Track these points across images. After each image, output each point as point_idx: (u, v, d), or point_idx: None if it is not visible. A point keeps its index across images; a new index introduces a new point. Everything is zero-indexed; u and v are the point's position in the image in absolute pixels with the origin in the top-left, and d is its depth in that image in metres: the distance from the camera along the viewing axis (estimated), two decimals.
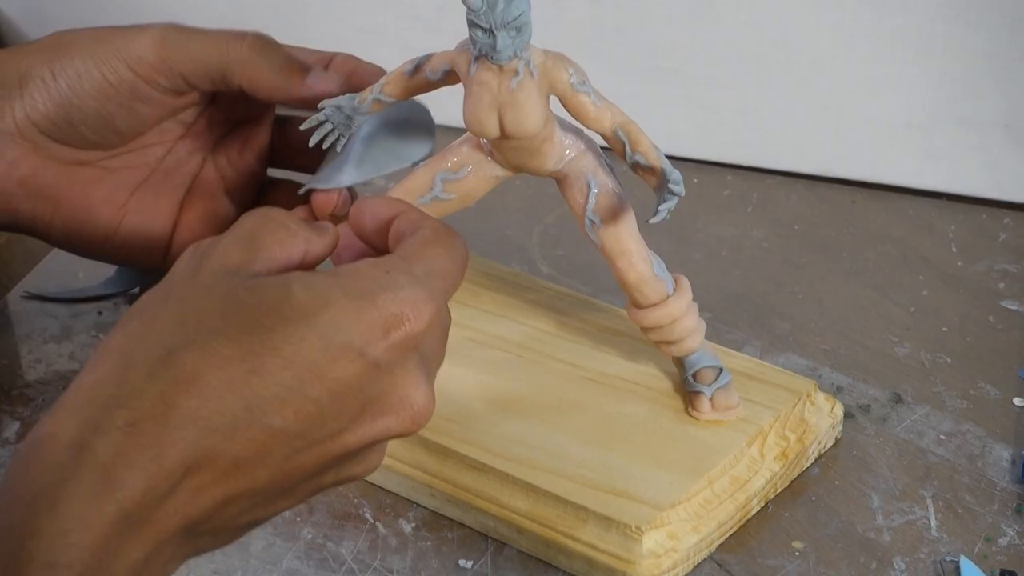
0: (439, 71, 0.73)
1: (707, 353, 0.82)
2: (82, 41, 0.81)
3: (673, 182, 0.72)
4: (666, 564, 0.76)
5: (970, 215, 1.04)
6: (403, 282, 0.63)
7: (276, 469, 0.62)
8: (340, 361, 0.62)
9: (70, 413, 0.60)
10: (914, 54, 1.04)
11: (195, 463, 0.60)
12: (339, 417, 0.62)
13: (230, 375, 0.60)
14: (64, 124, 0.81)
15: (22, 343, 0.93)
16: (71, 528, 0.57)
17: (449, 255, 0.66)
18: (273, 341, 0.61)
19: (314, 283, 0.62)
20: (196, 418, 0.60)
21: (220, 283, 0.63)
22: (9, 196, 0.82)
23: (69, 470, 0.58)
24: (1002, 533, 0.80)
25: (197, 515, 0.61)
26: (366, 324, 0.62)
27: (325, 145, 0.77)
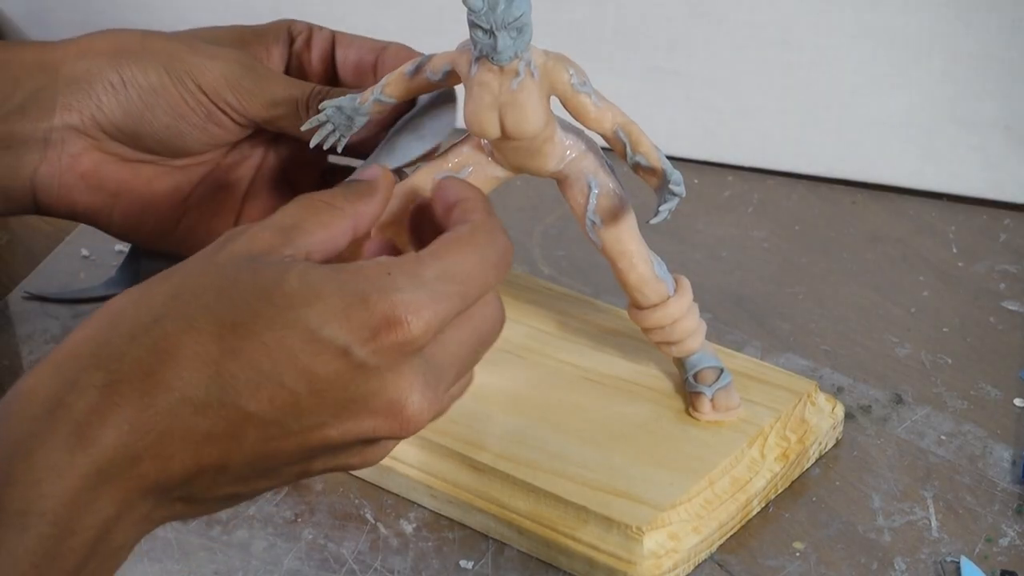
0: (440, 72, 0.73)
1: (708, 354, 0.82)
2: (150, 51, 0.80)
3: (674, 183, 0.72)
4: (667, 565, 0.76)
5: (970, 216, 1.04)
6: (403, 285, 0.62)
7: (251, 451, 0.62)
8: (321, 356, 0.61)
9: (51, 370, 0.61)
10: (914, 55, 1.04)
11: (167, 430, 0.60)
12: (318, 411, 0.62)
13: (208, 351, 0.61)
14: (132, 133, 0.80)
15: (23, 344, 0.93)
16: (43, 478, 0.58)
17: (478, 257, 0.65)
18: (257, 325, 0.61)
19: (310, 274, 0.62)
20: (170, 388, 0.60)
21: (231, 263, 0.63)
22: (70, 188, 0.81)
23: (44, 423, 0.59)
24: (1003, 534, 0.80)
25: (168, 481, 0.61)
26: (354, 323, 0.61)
27: (326, 146, 0.77)
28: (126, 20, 1.15)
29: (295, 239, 0.65)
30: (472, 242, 0.65)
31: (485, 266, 0.65)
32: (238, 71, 0.79)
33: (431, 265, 0.64)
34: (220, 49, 0.80)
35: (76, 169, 0.81)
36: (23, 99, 0.80)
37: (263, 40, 0.83)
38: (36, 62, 0.80)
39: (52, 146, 0.80)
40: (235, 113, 0.80)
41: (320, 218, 0.66)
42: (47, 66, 0.80)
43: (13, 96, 0.80)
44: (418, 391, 0.63)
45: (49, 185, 0.81)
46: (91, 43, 0.81)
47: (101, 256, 1.00)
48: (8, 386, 0.89)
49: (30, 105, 0.80)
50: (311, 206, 0.66)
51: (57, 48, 0.81)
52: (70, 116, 0.80)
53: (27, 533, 0.58)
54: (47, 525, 0.58)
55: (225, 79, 0.79)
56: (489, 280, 0.65)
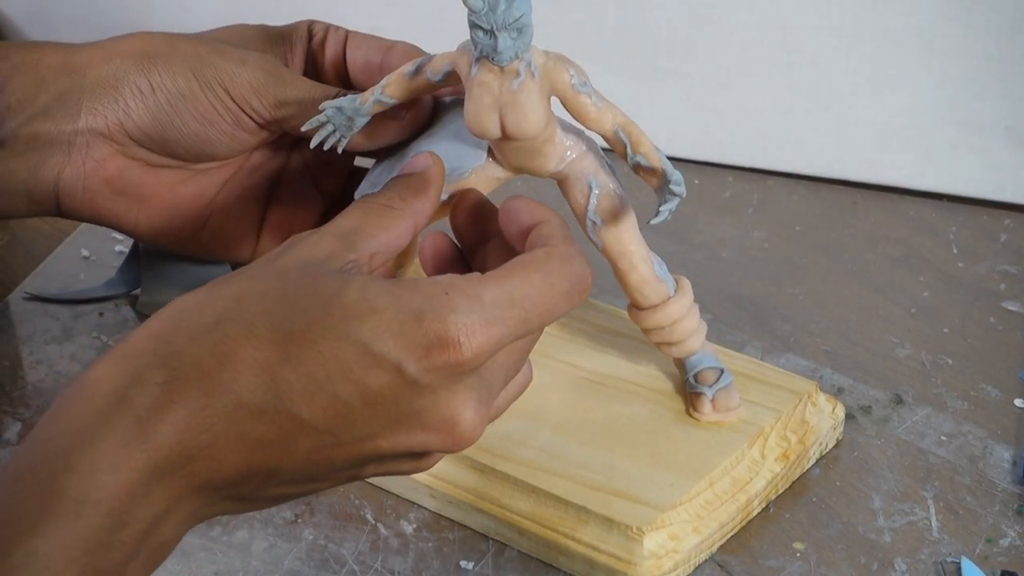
0: (440, 72, 0.73)
1: (708, 354, 0.82)
2: (178, 55, 0.80)
3: (674, 183, 0.72)
4: (667, 565, 0.76)
5: (971, 216, 1.04)
6: (460, 306, 0.63)
7: (302, 458, 0.63)
8: (374, 370, 0.62)
9: (116, 362, 0.62)
10: (915, 55, 1.04)
11: (222, 432, 0.61)
12: (370, 423, 0.63)
13: (266, 357, 0.62)
14: (159, 139, 0.80)
15: (23, 344, 0.93)
16: (102, 469, 0.59)
17: (546, 284, 0.65)
18: (313, 334, 0.62)
19: (370, 287, 0.63)
20: (227, 391, 0.61)
21: (294, 269, 0.64)
22: (94, 193, 0.81)
23: (106, 416, 0.60)
24: (1003, 534, 0.80)
25: (219, 481, 0.62)
26: (407, 341, 0.62)
27: (326, 147, 0.76)
28: (127, 19, 1.15)
29: (357, 243, 0.66)
30: (542, 268, 0.65)
31: (553, 293, 0.65)
32: (263, 77, 0.79)
33: (491, 288, 0.64)
34: (247, 54, 0.80)
35: (100, 174, 0.81)
36: (48, 102, 0.80)
37: (287, 40, 0.83)
38: (62, 64, 0.80)
39: (76, 150, 0.80)
40: (260, 119, 0.80)
41: (381, 221, 0.67)
42: (73, 69, 0.80)
43: (38, 98, 0.80)
44: (471, 408, 0.64)
45: (73, 189, 0.81)
46: (117, 46, 0.81)
47: (101, 257, 1.00)
48: (9, 387, 0.90)
49: (55, 108, 0.80)
50: (370, 210, 0.68)
51: (83, 51, 0.81)
52: (95, 120, 0.80)
53: (81, 521, 0.59)
54: (102, 515, 0.59)
55: (251, 85, 0.79)
56: (558, 308, 0.66)
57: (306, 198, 0.84)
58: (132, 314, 0.94)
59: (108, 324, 0.94)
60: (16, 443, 0.85)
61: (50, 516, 0.58)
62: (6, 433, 0.86)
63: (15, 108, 0.79)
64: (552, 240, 0.67)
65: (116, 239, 1.00)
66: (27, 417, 0.87)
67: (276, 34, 0.83)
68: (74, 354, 0.92)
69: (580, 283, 0.66)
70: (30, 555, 0.58)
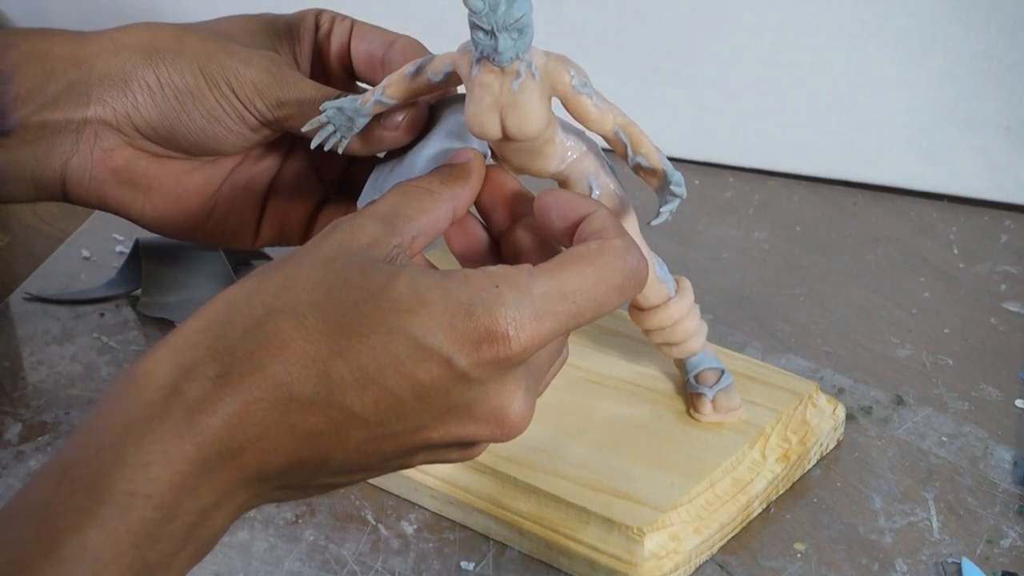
0: (441, 73, 0.73)
1: (709, 355, 0.82)
2: (186, 51, 0.80)
3: (675, 183, 0.72)
4: (668, 566, 0.76)
5: (971, 217, 1.04)
6: (510, 299, 0.63)
7: (353, 449, 0.64)
8: (425, 363, 0.63)
9: (169, 355, 0.62)
10: (915, 56, 1.04)
11: (272, 424, 0.62)
12: (420, 414, 0.64)
13: (317, 350, 0.62)
14: (166, 134, 0.80)
15: (24, 345, 0.93)
16: (153, 462, 0.60)
17: (599, 277, 0.65)
18: (364, 327, 0.62)
19: (420, 280, 0.63)
20: (279, 383, 0.62)
21: (340, 258, 0.64)
22: (101, 182, 0.82)
23: (158, 408, 0.61)
24: (1004, 535, 0.80)
25: (269, 472, 0.63)
26: (458, 334, 0.63)
27: (327, 147, 0.76)
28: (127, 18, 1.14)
29: (399, 226, 0.66)
30: (596, 261, 0.65)
31: (607, 287, 0.65)
32: (266, 78, 0.79)
33: (542, 281, 0.64)
34: (252, 53, 0.80)
35: (107, 164, 0.81)
36: (57, 91, 0.80)
37: (295, 33, 0.83)
38: (71, 55, 0.80)
39: (84, 139, 0.81)
40: (263, 119, 0.80)
41: (421, 204, 0.68)
42: (81, 60, 0.80)
43: (47, 88, 0.80)
44: (520, 399, 0.65)
45: (80, 177, 0.81)
46: (125, 38, 0.81)
47: (101, 257, 1.00)
48: (10, 387, 0.90)
49: (63, 98, 0.80)
50: (409, 193, 0.68)
51: (92, 42, 0.81)
52: (104, 111, 0.80)
53: (131, 514, 0.59)
54: (152, 509, 0.60)
55: (255, 85, 0.79)
56: (610, 302, 0.65)
57: (305, 186, 0.84)
58: (132, 315, 0.94)
59: (109, 324, 0.94)
60: (17, 444, 0.85)
61: (100, 509, 0.59)
62: (7, 434, 0.86)
63: (24, 97, 0.79)
64: (605, 232, 0.67)
65: (117, 239, 1.00)
66: (27, 417, 0.87)
67: (284, 26, 0.83)
68: (75, 355, 0.92)
69: (634, 276, 0.66)
70: (80, 548, 0.58)
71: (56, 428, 0.86)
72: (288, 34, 0.83)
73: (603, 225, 0.67)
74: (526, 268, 0.65)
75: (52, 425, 0.87)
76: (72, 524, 0.58)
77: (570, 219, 0.69)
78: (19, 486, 0.82)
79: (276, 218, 0.84)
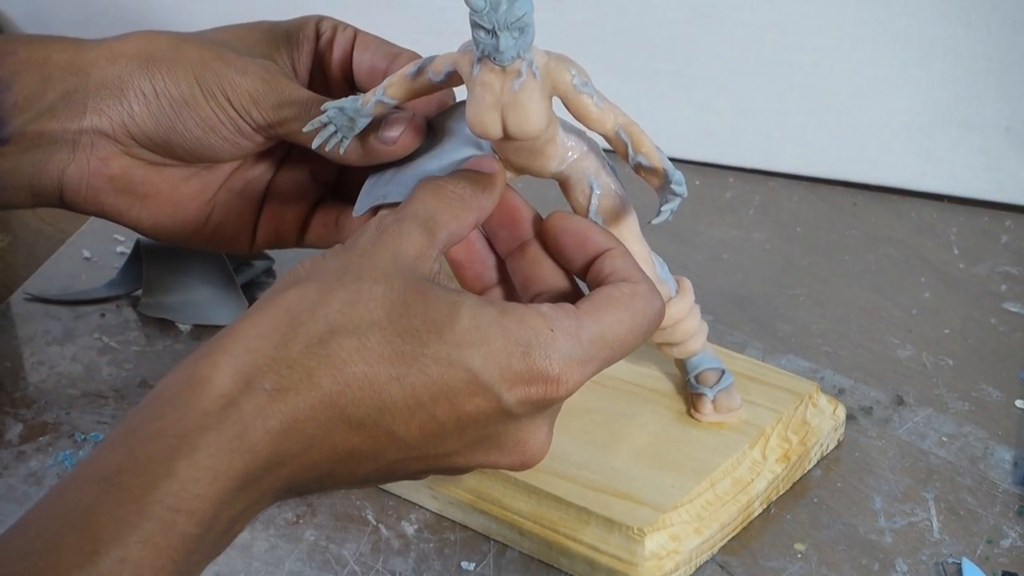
0: (442, 72, 0.73)
1: (709, 355, 0.82)
2: (182, 60, 0.80)
3: (675, 183, 0.72)
4: (668, 566, 0.76)
5: (971, 217, 1.04)
6: (564, 345, 0.65)
7: (383, 466, 0.65)
8: (476, 398, 0.65)
9: (227, 360, 0.63)
10: (915, 57, 1.04)
11: (318, 441, 0.63)
12: (455, 442, 0.66)
13: (376, 373, 0.63)
14: (163, 143, 0.81)
15: (25, 345, 0.92)
16: (201, 478, 0.60)
17: (632, 324, 0.68)
18: (425, 357, 0.64)
19: (481, 316, 0.65)
20: (333, 404, 0.63)
21: (398, 275, 0.65)
22: (97, 190, 0.82)
23: (214, 419, 0.61)
24: (1004, 535, 0.80)
25: (299, 482, 0.64)
26: (512, 373, 0.65)
27: (328, 148, 0.76)
28: (128, 20, 1.15)
29: (436, 234, 0.68)
30: (631, 308, 0.68)
31: (637, 333, 0.68)
32: (262, 88, 0.79)
33: (590, 327, 0.66)
34: (248, 62, 0.80)
35: (104, 172, 0.82)
36: (54, 100, 0.80)
37: (294, 40, 0.83)
38: (69, 63, 0.81)
39: (81, 148, 0.81)
40: (260, 128, 0.80)
41: (453, 210, 0.69)
42: (79, 68, 0.80)
43: (44, 96, 0.80)
44: (544, 433, 0.68)
45: (77, 185, 0.82)
46: (123, 47, 0.81)
47: (102, 258, 1.00)
48: (11, 387, 0.90)
49: (60, 106, 0.80)
50: (444, 196, 0.69)
51: (89, 50, 0.81)
52: (100, 120, 0.80)
53: (174, 530, 0.59)
54: (194, 525, 0.60)
55: (251, 95, 0.79)
56: (637, 343, 0.68)
57: (301, 190, 0.84)
58: (133, 315, 0.94)
59: (109, 325, 0.94)
60: (18, 444, 0.85)
61: (144, 523, 0.59)
62: (8, 434, 0.86)
63: (22, 105, 0.80)
64: (631, 276, 0.69)
65: (118, 240, 1.00)
66: (28, 418, 0.87)
67: (283, 33, 0.83)
68: (75, 355, 0.92)
69: (656, 321, 0.69)
70: (120, 561, 0.58)
71: (57, 428, 0.86)
72: (287, 42, 0.83)
73: (625, 266, 0.70)
74: (572, 311, 0.67)
75: (53, 425, 0.86)
76: (114, 536, 0.58)
77: (588, 252, 0.71)
78: (20, 486, 0.82)
79: (272, 222, 0.84)
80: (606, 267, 0.70)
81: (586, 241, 0.71)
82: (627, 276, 0.69)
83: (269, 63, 0.80)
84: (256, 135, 0.80)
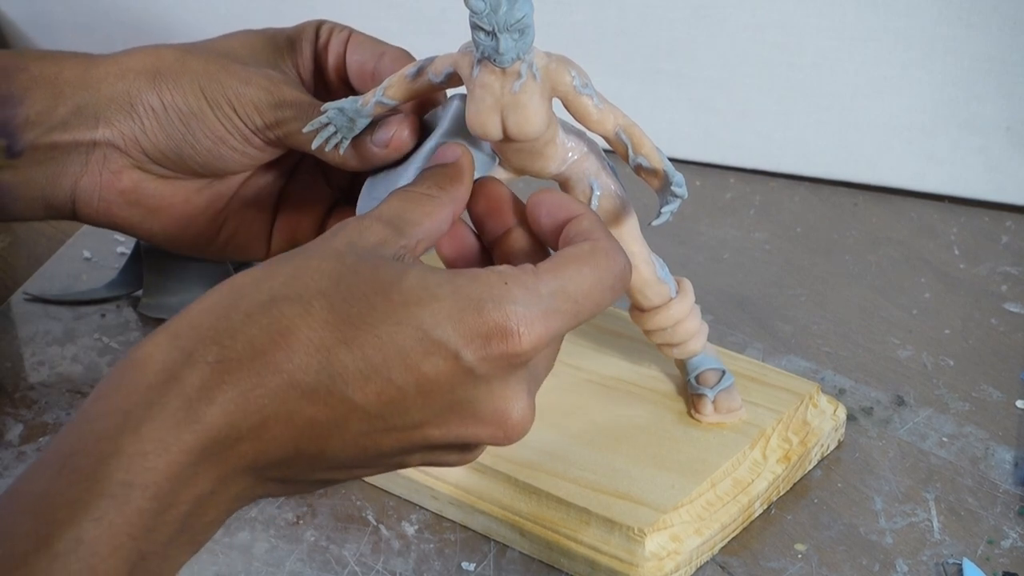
0: (442, 73, 0.73)
1: (710, 356, 0.82)
2: (188, 72, 0.80)
3: (676, 184, 0.72)
4: (669, 566, 0.76)
5: (972, 218, 1.04)
6: (519, 297, 0.64)
7: (352, 442, 0.64)
8: (432, 357, 0.63)
9: (168, 340, 0.62)
10: (916, 57, 1.04)
11: (272, 413, 0.62)
12: (422, 410, 0.64)
13: (321, 338, 0.62)
14: (174, 156, 0.81)
15: (25, 345, 0.93)
16: (150, 451, 0.60)
17: (596, 278, 0.66)
18: (372, 318, 0.62)
19: (429, 276, 0.64)
20: (280, 370, 0.62)
21: (350, 252, 0.64)
22: (109, 203, 0.82)
23: (156, 394, 0.61)
24: (1005, 535, 0.80)
25: (266, 462, 0.63)
26: (466, 328, 0.63)
27: (328, 148, 0.76)
28: (128, 21, 1.15)
29: (405, 230, 0.67)
30: (591, 262, 0.66)
31: (602, 287, 0.66)
32: (264, 97, 0.79)
33: (548, 281, 0.65)
34: (251, 72, 0.80)
35: (116, 186, 0.82)
36: (65, 114, 0.81)
37: (296, 46, 0.83)
38: (79, 79, 0.81)
39: (93, 161, 0.81)
40: (265, 137, 0.80)
41: (423, 208, 0.68)
42: (89, 83, 0.81)
43: (56, 111, 0.81)
44: (523, 401, 0.65)
45: (89, 198, 0.82)
46: (130, 61, 0.81)
47: (103, 258, 1.00)
48: (11, 388, 0.90)
49: (72, 120, 0.81)
50: (411, 198, 0.68)
51: (99, 66, 0.82)
52: (112, 135, 0.81)
53: (128, 506, 0.59)
54: (148, 499, 0.59)
55: (254, 104, 0.79)
56: (604, 300, 0.67)
57: (316, 194, 0.84)
58: (134, 315, 0.94)
59: (110, 325, 0.94)
60: (18, 444, 0.85)
61: (97, 501, 0.59)
62: (8, 434, 0.86)
63: (35, 120, 0.80)
64: (593, 234, 0.68)
65: (118, 240, 1.01)
66: (29, 418, 0.87)
67: (285, 40, 0.83)
68: (76, 355, 0.92)
69: (622, 277, 0.67)
70: (76, 541, 0.58)
71: (58, 429, 0.86)
72: (290, 48, 0.83)
73: (590, 226, 0.68)
74: (530, 267, 0.65)
75: (53, 426, 0.87)
76: (68, 517, 0.58)
77: (558, 218, 0.69)
78: None
79: (287, 228, 0.84)
80: (572, 230, 0.69)
81: (557, 210, 0.70)
82: (589, 236, 0.68)
83: (272, 72, 0.81)
84: (264, 145, 0.80)
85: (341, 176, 0.85)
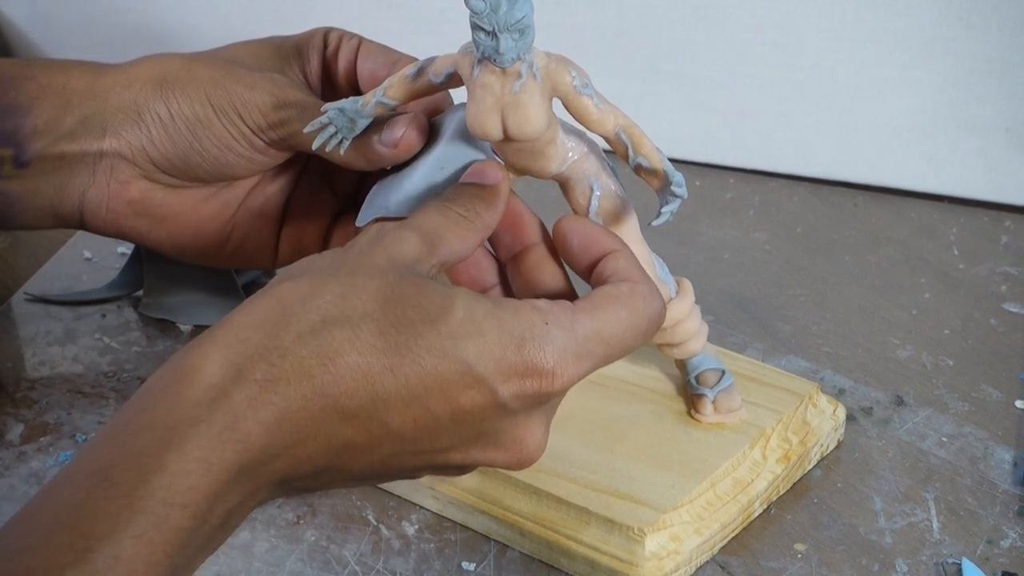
0: (442, 74, 0.73)
1: (709, 356, 0.82)
2: (194, 80, 0.80)
3: (675, 184, 0.72)
4: (668, 566, 0.76)
5: (972, 218, 1.04)
6: (558, 338, 0.65)
7: (378, 461, 0.65)
8: (471, 391, 0.64)
9: (217, 350, 0.62)
10: (916, 58, 1.04)
11: (312, 433, 0.63)
12: (451, 437, 0.65)
13: (369, 363, 0.63)
14: (182, 165, 0.81)
15: (26, 345, 0.93)
16: (193, 470, 0.60)
17: (630, 322, 0.67)
18: (419, 348, 0.63)
19: (475, 307, 0.65)
20: (325, 394, 0.62)
21: (393, 270, 0.65)
22: (117, 213, 0.83)
23: (204, 410, 0.61)
24: (1004, 535, 0.80)
25: (295, 476, 0.64)
26: (507, 365, 0.64)
27: (328, 148, 0.76)
28: (129, 23, 1.15)
29: (438, 249, 0.67)
30: (629, 306, 0.67)
31: (635, 332, 0.68)
32: (269, 101, 0.79)
33: (585, 323, 0.66)
34: (257, 77, 0.80)
35: (123, 196, 0.82)
36: (73, 124, 0.81)
37: (303, 54, 0.83)
38: (86, 89, 0.81)
39: (100, 171, 0.81)
40: (272, 141, 0.80)
41: (458, 230, 0.68)
42: (97, 93, 0.81)
43: (63, 121, 0.81)
44: (541, 431, 0.67)
45: (97, 208, 0.82)
46: (136, 71, 0.82)
47: (103, 258, 1.00)
48: (12, 388, 0.90)
49: (80, 130, 0.81)
50: (450, 216, 0.69)
51: (107, 75, 0.82)
52: (119, 144, 0.81)
53: (167, 524, 0.59)
54: (187, 519, 0.60)
55: (260, 110, 0.79)
56: (636, 344, 0.68)
57: (320, 201, 0.85)
58: (134, 315, 0.95)
59: (110, 325, 0.94)
60: (19, 444, 0.85)
61: (137, 518, 0.59)
62: (9, 434, 0.86)
63: (42, 130, 0.80)
64: (632, 276, 0.69)
65: (118, 241, 1.01)
66: (29, 418, 0.87)
67: (292, 48, 0.83)
68: (76, 355, 0.92)
69: (655, 322, 0.68)
70: (114, 558, 0.58)
71: (58, 429, 0.86)
72: (297, 55, 0.83)
73: (628, 266, 0.69)
74: (568, 306, 0.66)
75: (54, 426, 0.87)
76: (107, 532, 0.58)
77: (592, 253, 0.70)
78: (21, 487, 0.83)
79: (293, 237, 0.85)
80: (608, 268, 0.69)
81: (592, 243, 0.70)
82: (628, 276, 0.69)
83: (277, 76, 0.81)
84: (271, 149, 0.80)
85: (345, 184, 0.85)
